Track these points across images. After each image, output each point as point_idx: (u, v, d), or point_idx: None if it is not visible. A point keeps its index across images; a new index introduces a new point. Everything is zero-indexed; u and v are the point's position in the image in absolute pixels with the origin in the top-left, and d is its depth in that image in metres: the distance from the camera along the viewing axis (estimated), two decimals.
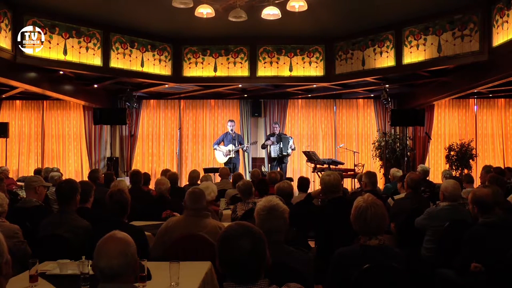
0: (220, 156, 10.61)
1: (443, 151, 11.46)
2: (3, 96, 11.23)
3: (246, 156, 12.13)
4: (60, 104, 12.36)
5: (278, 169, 9.98)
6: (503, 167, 8.69)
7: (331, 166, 9.86)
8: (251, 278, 1.72)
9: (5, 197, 3.68)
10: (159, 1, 7.77)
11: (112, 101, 12.08)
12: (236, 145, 10.53)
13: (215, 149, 10.77)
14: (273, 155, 10.48)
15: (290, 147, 10.49)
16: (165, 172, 7.28)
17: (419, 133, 11.92)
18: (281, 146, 10.39)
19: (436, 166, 11.97)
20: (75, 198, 3.73)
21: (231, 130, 10.67)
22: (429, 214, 4.13)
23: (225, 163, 10.36)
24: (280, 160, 10.45)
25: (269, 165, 11.01)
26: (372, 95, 12.10)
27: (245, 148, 10.85)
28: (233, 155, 10.51)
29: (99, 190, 5.35)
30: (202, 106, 12.70)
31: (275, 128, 10.73)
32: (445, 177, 6.72)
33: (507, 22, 7.34)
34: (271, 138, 10.50)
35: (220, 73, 10.31)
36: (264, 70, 10.27)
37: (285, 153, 10.43)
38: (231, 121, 10.87)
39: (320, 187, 4.14)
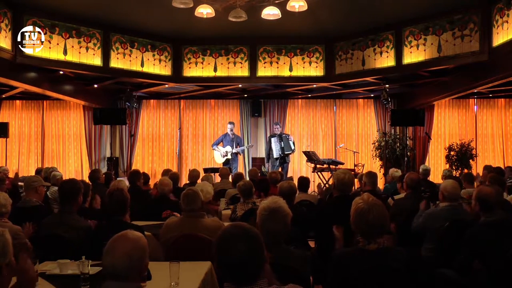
0: (218, 157, 10.64)
1: (443, 151, 11.45)
2: (3, 96, 11.22)
3: (246, 156, 12.13)
4: (60, 104, 12.36)
5: (280, 169, 9.99)
6: (503, 167, 8.69)
7: (331, 166, 9.86)
8: (250, 280, 1.72)
9: (8, 197, 3.68)
10: (159, 1, 7.76)
11: (112, 101, 12.08)
12: (234, 147, 10.54)
13: (214, 149, 10.79)
14: (275, 155, 10.48)
15: (290, 140, 10.52)
16: (166, 172, 7.28)
17: (419, 133, 11.92)
18: (282, 145, 10.39)
19: (436, 166, 11.96)
20: (77, 198, 3.72)
21: (230, 130, 10.69)
22: (428, 215, 4.11)
23: (223, 164, 10.38)
24: (283, 159, 10.45)
25: (269, 165, 10.99)
26: (372, 95, 12.10)
27: (238, 151, 10.73)
28: (231, 157, 10.52)
29: (99, 190, 5.36)
30: (202, 106, 12.70)
31: (276, 129, 10.74)
32: (444, 177, 6.71)
33: (507, 22, 7.34)
34: (273, 139, 10.52)
35: (220, 73, 10.31)
36: (264, 70, 10.27)
37: (289, 152, 10.44)
38: (231, 123, 10.89)
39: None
